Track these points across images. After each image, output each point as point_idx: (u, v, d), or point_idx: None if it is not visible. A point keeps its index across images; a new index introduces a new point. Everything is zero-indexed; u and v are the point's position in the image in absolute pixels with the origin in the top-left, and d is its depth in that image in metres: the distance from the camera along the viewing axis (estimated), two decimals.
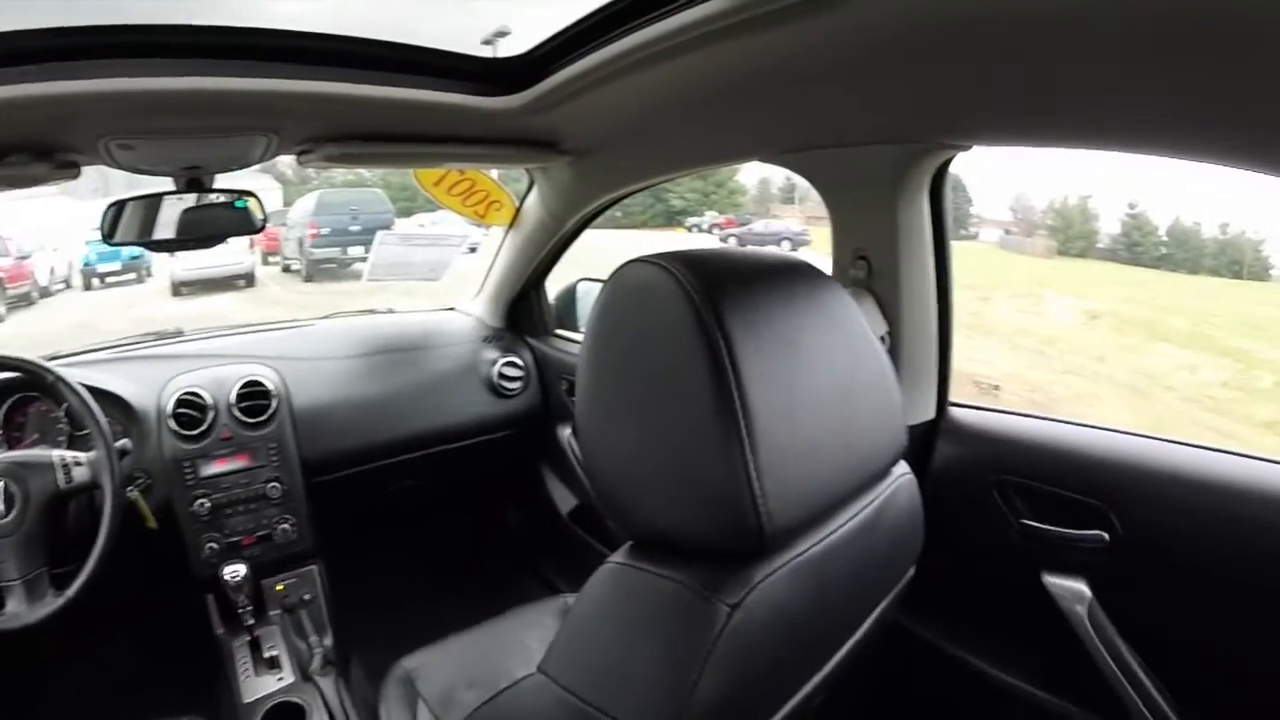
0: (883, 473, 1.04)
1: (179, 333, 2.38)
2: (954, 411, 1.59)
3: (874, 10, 0.95)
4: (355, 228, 12.35)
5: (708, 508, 0.80)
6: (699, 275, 0.80)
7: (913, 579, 1.17)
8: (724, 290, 0.80)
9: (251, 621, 1.94)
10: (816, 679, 0.97)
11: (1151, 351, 9.17)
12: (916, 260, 1.49)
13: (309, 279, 12.87)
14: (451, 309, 2.79)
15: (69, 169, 1.44)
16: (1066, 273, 14.86)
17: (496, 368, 2.46)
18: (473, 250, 4.01)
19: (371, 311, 2.74)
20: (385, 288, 3.10)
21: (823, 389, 0.88)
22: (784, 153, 1.55)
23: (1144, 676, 1.27)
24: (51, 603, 1.56)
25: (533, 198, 2.24)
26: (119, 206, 1.67)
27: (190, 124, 1.37)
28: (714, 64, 1.18)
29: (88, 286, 13.53)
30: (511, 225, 2.38)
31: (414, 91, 1.35)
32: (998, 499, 1.45)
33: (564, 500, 2.59)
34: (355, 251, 12.25)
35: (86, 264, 13.36)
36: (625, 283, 0.87)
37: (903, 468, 1.11)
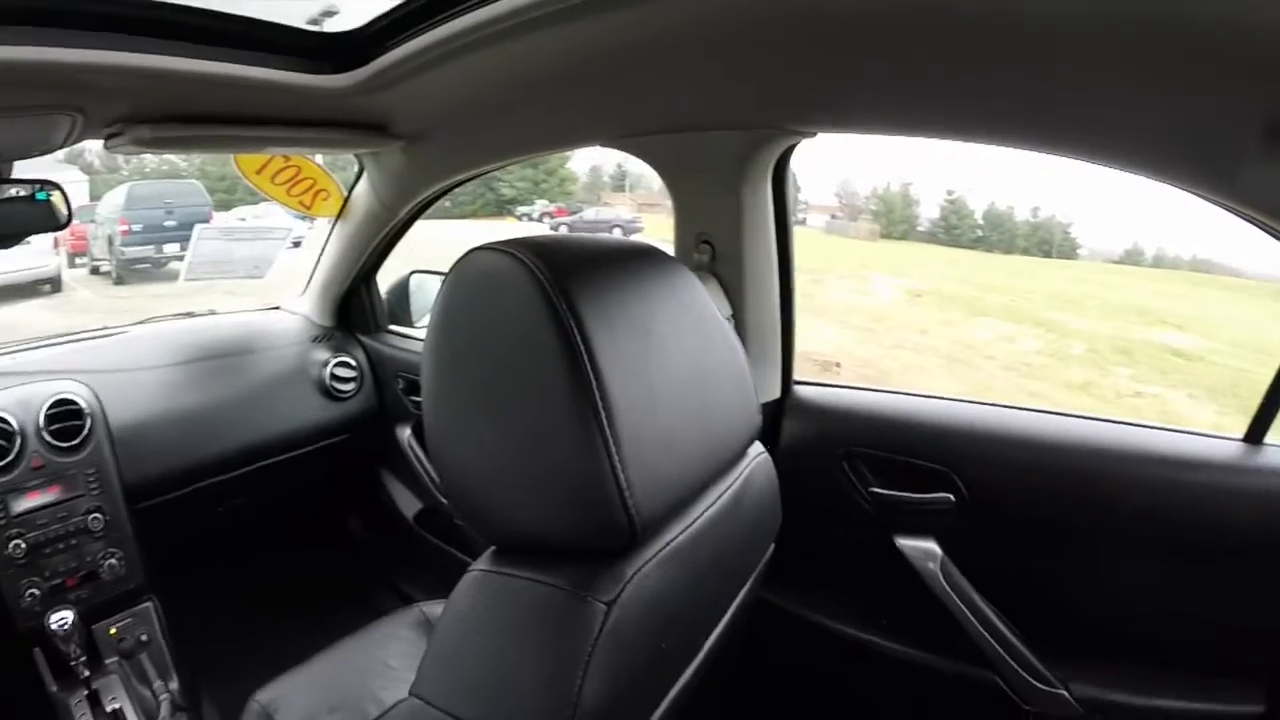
0: (740, 454, 1.05)
1: None
2: (799, 389, 1.64)
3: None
4: (170, 223, 11.50)
5: (573, 505, 0.77)
6: (549, 262, 0.77)
7: (773, 555, 1.20)
8: (575, 277, 0.77)
9: (87, 673, 1.74)
10: (693, 666, 0.96)
11: (972, 325, 9.82)
12: (759, 244, 1.53)
13: (120, 281, 11.95)
14: (276, 308, 2.62)
15: None
16: (890, 255, 15.67)
17: (328, 369, 2.33)
18: (296, 245, 3.81)
19: (190, 314, 2.53)
20: (208, 287, 2.90)
21: (678, 374, 0.87)
22: (626, 137, 1.54)
23: (997, 621, 1.38)
24: None
25: (362, 186, 2.13)
26: None
27: None
28: (557, 46, 1.16)
29: None
30: (339, 216, 2.26)
31: (237, 67, 1.24)
32: (847, 470, 1.53)
33: (408, 505, 2.48)
34: (171, 249, 11.40)
35: None
36: (471, 271, 0.82)
37: (758, 447, 1.13)
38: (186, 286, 2.81)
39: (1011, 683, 1.38)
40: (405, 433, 2.39)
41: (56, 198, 1.55)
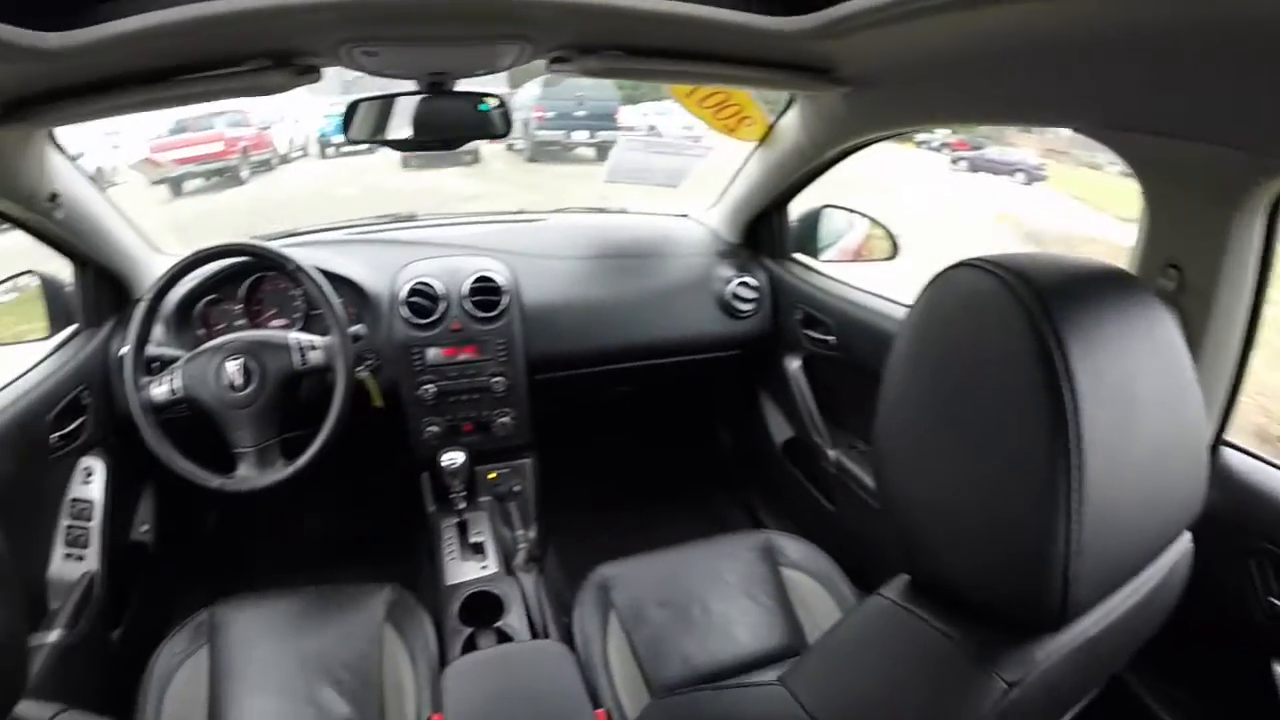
0: (1173, 541, 0.85)
1: (412, 217, 2.47)
2: (1228, 453, 1.32)
3: None
4: (580, 113, 12.51)
5: (1010, 567, 0.68)
6: (1034, 289, 0.66)
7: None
8: (1064, 308, 0.66)
9: (462, 505, 2.04)
10: None
11: None
12: (1237, 284, 1.23)
13: (532, 159, 13.11)
14: (685, 215, 2.67)
15: (310, 74, 1.41)
16: None
17: (731, 286, 2.34)
18: None
19: (603, 210, 2.73)
20: (587, 176, 3.06)
21: (1145, 432, 0.71)
22: (1104, 128, 1.31)
23: None
24: (280, 470, 1.70)
25: (791, 119, 2.05)
26: (356, 106, 1.64)
27: (437, 31, 1.31)
28: (1039, 20, 1.05)
29: (323, 155, 14.57)
30: (762, 142, 2.22)
31: (683, 5, 1.21)
32: (1252, 569, 1.22)
33: (780, 431, 2.49)
34: (579, 136, 12.55)
35: (322, 135, 14.23)
36: (951, 287, 0.75)
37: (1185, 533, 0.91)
38: (591, 171, 2.99)
39: None
40: (795, 363, 2.38)
41: (496, 112, 1.66)
